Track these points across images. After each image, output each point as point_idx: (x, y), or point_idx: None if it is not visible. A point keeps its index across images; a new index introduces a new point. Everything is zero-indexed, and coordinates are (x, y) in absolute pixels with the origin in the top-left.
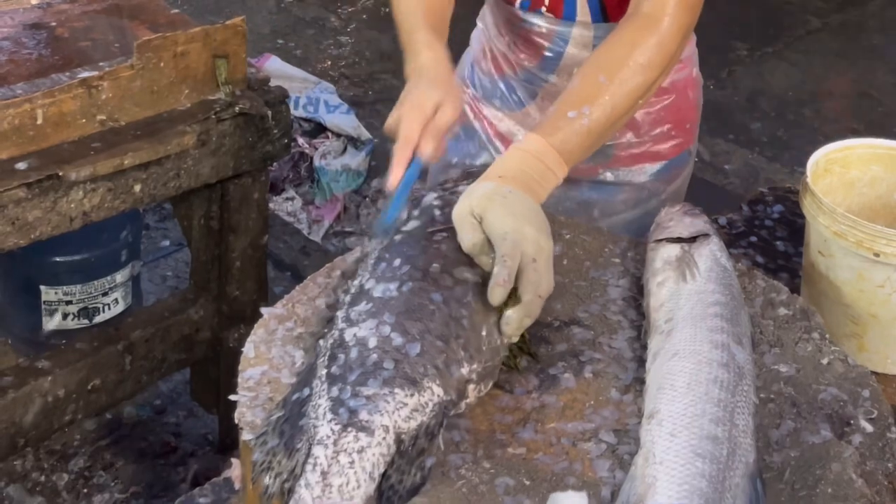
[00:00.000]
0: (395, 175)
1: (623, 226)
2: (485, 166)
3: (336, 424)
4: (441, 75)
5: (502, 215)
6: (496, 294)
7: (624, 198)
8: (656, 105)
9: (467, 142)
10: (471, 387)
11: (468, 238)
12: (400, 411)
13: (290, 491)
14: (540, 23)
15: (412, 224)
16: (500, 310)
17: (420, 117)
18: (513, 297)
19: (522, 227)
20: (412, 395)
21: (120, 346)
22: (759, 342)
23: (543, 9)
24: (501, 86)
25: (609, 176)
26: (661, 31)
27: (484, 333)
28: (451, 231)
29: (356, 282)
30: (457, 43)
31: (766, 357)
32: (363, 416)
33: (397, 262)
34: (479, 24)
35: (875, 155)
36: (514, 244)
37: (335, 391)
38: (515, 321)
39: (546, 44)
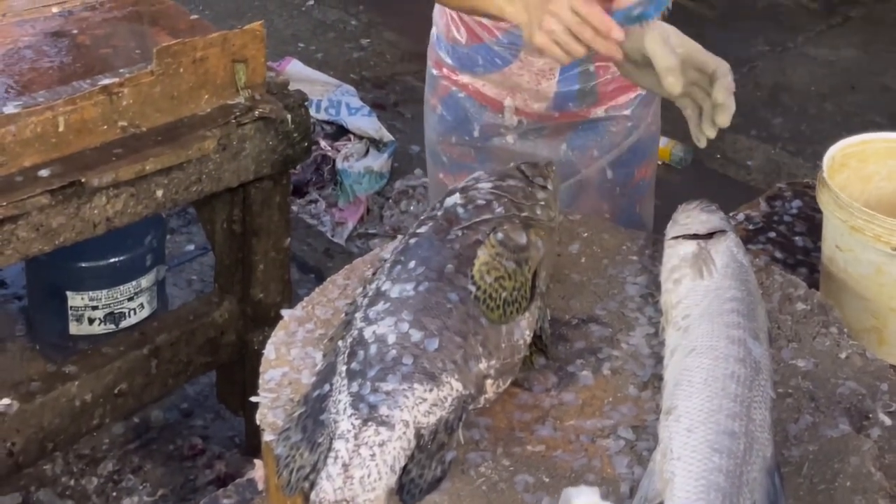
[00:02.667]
0: (616, 27)
1: (620, 157)
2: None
3: (356, 419)
4: None
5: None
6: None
7: (616, 129)
8: None
9: (457, 117)
10: (489, 382)
11: (674, 60)
12: (419, 406)
13: (313, 484)
14: None
15: (425, 227)
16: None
17: None
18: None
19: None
20: (431, 390)
21: (146, 350)
22: (776, 337)
23: None
24: (481, 52)
25: (600, 113)
26: None
27: (504, 331)
28: (475, 227)
29: (372, 285)
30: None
31: (783, 352)
32: (383, 410)
33: (412, 263)
34: None
35: (892, 149)
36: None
37: (355, 387)
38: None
39: None
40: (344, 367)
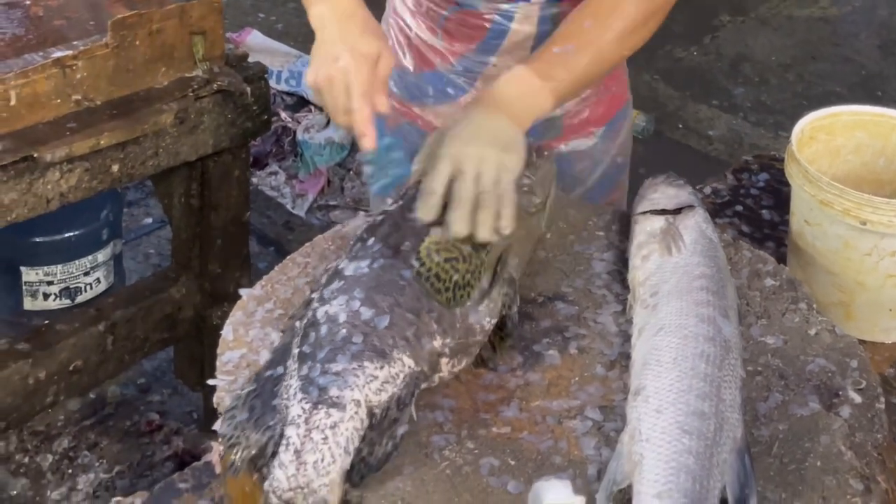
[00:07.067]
0: (372, 133)
1: (584, 194)
2: None
3: (307, 403)
4: (370, 22)
5: (451, 140)
6: (419, 208)
7: (581, 167)
8: None
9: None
10: (444, 361)
11: (418, 160)
12: (370, 384)
13: (264, 468)
14: (477, 3)
15: (396, 205)
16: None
17: (371, 69)
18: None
19: (464, 147)
20: (382, 368)
21: (101, 327)
22: (745, 314)
23: None
24: (432, 81)
25: (563, 148)
26: None
27: (458, 312)
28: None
29: (333, 264)
30: None
31: (752, 329)
32: (333, 392)
33: (371, 241)
34: (390, 19)
35: (860, 121)
36: (444, 160)
37: (305, 370)
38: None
39: (487, 25)
40: (296, 350)
